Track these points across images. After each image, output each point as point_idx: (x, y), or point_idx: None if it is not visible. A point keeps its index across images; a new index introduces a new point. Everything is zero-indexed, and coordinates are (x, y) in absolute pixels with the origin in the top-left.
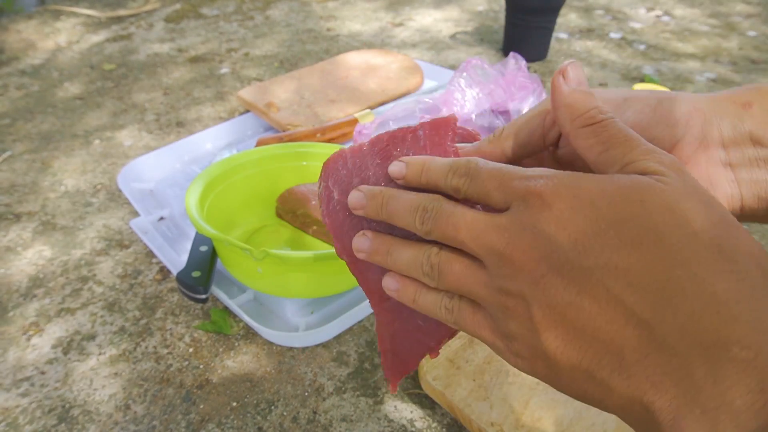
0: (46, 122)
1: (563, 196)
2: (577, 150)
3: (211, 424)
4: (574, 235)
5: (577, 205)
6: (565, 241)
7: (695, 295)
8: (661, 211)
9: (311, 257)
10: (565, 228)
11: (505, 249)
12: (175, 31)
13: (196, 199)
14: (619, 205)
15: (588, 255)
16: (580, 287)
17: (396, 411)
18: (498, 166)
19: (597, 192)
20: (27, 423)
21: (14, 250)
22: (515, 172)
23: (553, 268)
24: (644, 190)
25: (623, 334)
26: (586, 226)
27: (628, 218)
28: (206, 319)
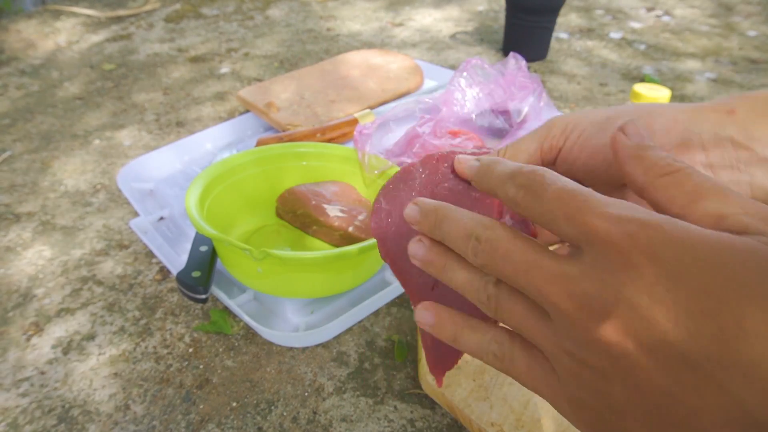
0: (45, 122)
1: (660, 256)
2: (657, 204)
3: (211, 424)
4: (673, 312)
5: (679, 270)
6: (661, 318)
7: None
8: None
9: (311, 258)
10: (663, 302)
11: (576, 312)
12: (175, 31)
13: (196, 200)
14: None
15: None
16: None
17: (396, 411)
18: (570, 187)
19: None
20: (27, 423)
21: (14, 250)
22: (594, 202)
23: (642, 347)
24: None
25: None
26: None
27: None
28: (206, 319)
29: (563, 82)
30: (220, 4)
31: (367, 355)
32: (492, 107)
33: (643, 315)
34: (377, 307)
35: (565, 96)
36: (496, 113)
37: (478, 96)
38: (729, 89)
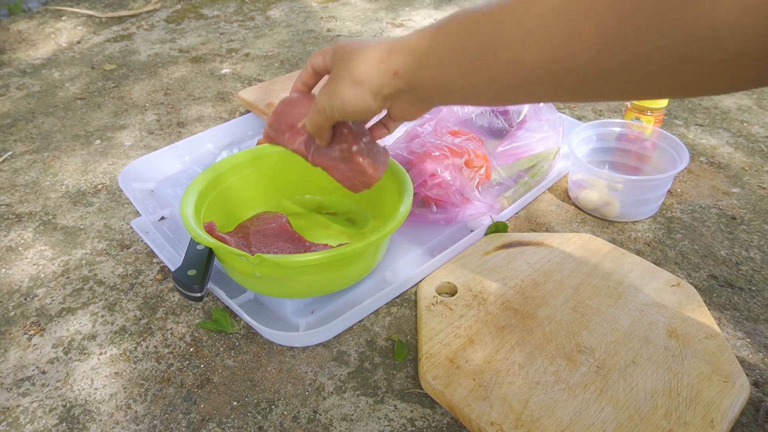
0: (46, 122)
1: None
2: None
3: (211, 423)
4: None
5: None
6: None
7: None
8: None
9: (307, 260)
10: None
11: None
12: (176, 32)
13: (193, 203)
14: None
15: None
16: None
17: (396, 410)
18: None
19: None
20: (28, 423)
21: (15, 250)
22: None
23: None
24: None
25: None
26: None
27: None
28: (207, 318)
29: None
30: (221, 5)
31: (367, 354)
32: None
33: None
34: (377, 307)
35: None
36: (496, 113)
37: None
38: None
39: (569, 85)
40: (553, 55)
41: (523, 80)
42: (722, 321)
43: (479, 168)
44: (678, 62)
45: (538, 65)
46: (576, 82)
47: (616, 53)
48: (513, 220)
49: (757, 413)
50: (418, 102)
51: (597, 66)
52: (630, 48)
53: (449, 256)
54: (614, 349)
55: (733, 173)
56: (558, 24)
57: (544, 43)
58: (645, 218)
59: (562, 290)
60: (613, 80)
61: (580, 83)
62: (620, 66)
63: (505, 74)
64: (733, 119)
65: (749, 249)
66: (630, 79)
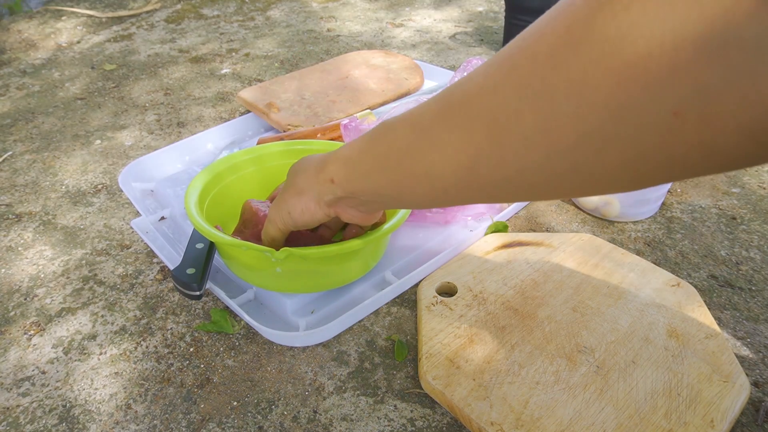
0: (46, 122)
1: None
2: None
3: (211, 423)
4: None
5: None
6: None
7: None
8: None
9: (331, 251)
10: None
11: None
12: (176, 32)
13: (196, 202)
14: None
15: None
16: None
17: (396, 410)
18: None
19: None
20: (28, 422)
21: (15, 250)
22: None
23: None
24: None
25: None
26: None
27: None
28: (207, 319)
29: None
30: (221, 5)
31: (367, 354)
32: None
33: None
34: (377, 307)
35: None
36: None
37: None
38: None
39: (489, 189)
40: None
41: (443, 191)
42: (722, 321)
43: None
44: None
45: (452, 177)
46: (493, 187)
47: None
48: (513, 220)
49: (757, 413)
50: (360, 206)
51: (505, 172)
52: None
53: (449, 256)
54: (614, 349)
55: (733, 173)
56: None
57: (454, 157)
58: (645, 218)
59: (562, 290)
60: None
61: (499, 188)
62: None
63: (425, 185)
64: None
65: (749, 249)
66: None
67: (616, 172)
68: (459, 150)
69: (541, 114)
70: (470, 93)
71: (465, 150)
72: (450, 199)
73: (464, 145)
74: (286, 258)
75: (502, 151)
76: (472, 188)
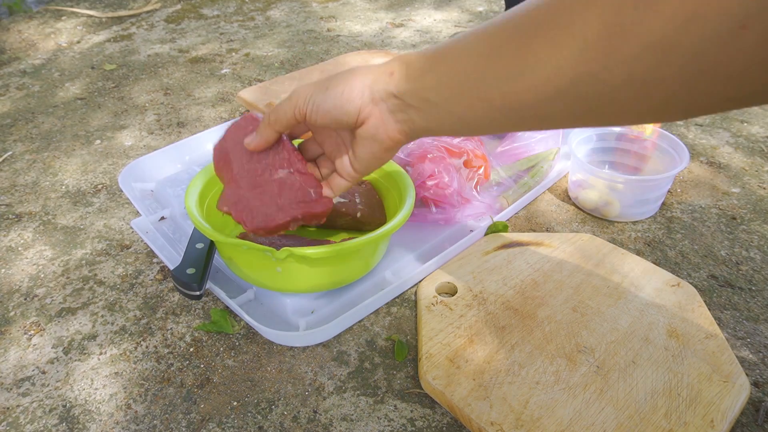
0: (47, 122)
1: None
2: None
3: (211, 423)
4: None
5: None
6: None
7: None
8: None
9: (332, 251)
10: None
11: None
12: (176, 32)
13: (196, 202)
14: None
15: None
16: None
17: (396, 410)
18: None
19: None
20: (28, 422)
21: (15, 250)
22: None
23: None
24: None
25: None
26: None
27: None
28: (207, 319)
29: None
30: (221, 5)
31: (367, 354)
32: None
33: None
34: (377, 307)
35: None
36: None
37: None
38: None
39: (534, 108)
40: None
41: (500, 110)
42: (722, 321)
43: (478, 168)
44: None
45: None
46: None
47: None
48: (513, 220)
49: (757, 413)
50: (397, 112)
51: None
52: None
53: (449, 256)
54: (614, 349)
55: (733, 173)
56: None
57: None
58: (645, 218)
59: (562, 290)
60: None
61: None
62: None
63: (486, 107)
64: (733, 119)
65: (749, 249)
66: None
67: (673, 88)
68: (512, 65)
69: (607, 21)
70: (534, 7)
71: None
72: (502, 119)
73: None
74: (286, 258)
75: (558, 57)
76: (524, 107)
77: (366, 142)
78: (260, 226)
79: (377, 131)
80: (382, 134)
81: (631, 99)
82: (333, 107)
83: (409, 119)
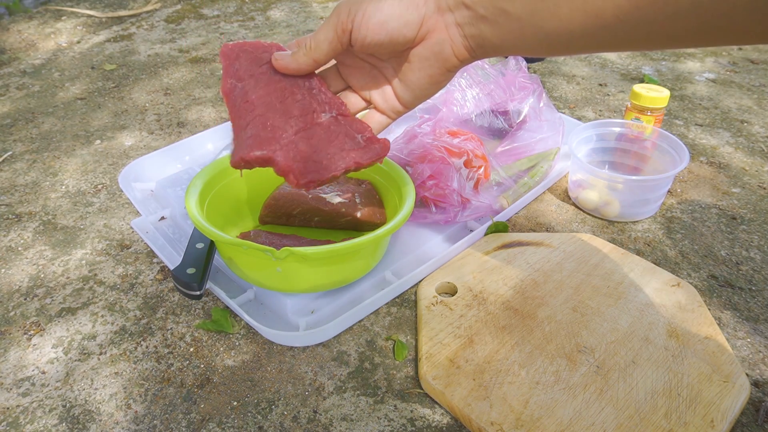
0: (46, 122)
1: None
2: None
3: (211, 423)
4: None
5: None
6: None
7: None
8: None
9: (332, 251)
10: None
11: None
12: (176, 32)
13: (196, 202)
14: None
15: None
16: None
17: (396, 410)
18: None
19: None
20: (28, 423)
21: (15, 250)
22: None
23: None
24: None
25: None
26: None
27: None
28: (208, 318)
29: (563, 83)
30: (221, 5)
31: (367, 354)
32: (492, 107)
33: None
34: (377, 307)
35: (565, 96)
36: (496, 113)
37: (478, 96)
38: (728, 89)
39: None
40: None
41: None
42: (722, 321)
43: (478, 168)
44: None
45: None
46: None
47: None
48: (513, 220)
49: (757, 413)
50: (466, 25)
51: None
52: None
53: (449, 256)
54: (614, 349)
55: (733, 173)
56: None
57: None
58: (645, 218)
59: (562, 290)
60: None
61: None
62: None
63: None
64: (733, 119)
65: (749, 249)
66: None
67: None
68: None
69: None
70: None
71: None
72: (568, 38)
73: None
74: (286, 258)
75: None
76: (649, 21)
77: (424, 63)
78: (313, 179)
79: (442, 48)
80: (447, 51)
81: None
82: (389, 17)
83: (478, 34)
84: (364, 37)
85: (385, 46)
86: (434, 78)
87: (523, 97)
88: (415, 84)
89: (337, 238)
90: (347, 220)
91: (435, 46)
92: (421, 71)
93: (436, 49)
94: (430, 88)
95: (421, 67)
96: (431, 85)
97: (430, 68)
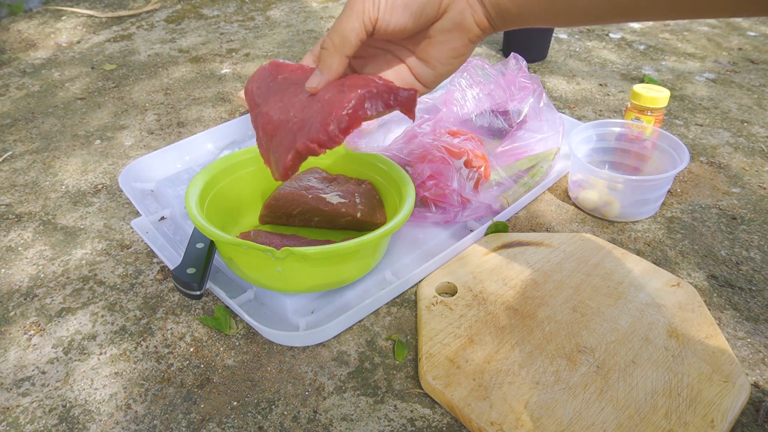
0: (46, 122)
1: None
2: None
3: (211, 423)
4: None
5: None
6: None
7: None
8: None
9: (332, 251)
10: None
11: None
12: (176, 32)
13: (197, 201)
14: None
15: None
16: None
17: (396, 410)
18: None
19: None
20: (28, 423)
21: (15, 250)
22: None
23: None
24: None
25: None
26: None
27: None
28: (209, 315)
29: (563, 83)
30: (221, 5)
31: (367, 354)
32: (492, 107)
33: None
34: (377, 307)
35: (565, 96)
36: (496, 113)
37: (478, 96)
38: (729, 89)
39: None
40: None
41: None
42: (722, 321)
43: (478, 168)
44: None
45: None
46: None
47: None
48: (513, 220)
49: (757, 413)
50: (495, 5)
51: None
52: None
53: (449, 256)
54: (614, 349)
55: (733, 173)
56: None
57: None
58: (645, 218)
59: (562, 290)
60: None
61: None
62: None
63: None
64: (733, 119)
65: (749, 249)
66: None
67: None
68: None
69: None
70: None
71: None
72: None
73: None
74: (286, 258)
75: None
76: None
77: (447, 36)
78: (343, 126)
79: (463, 17)
80: (468, 21)
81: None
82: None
83: (497, 3)
84: (387, 23)
85: (409, 29)
86: (457, 51)
87: (523, 97)
88: (437, 59)
89: (337, 238)
90: (347, 220)
91: (457, 16)
92: (444, 44)
93: (458, 19)
94: (452, 62)
95: (443, 40)
96: (453, 59)
97: (452, 41)
